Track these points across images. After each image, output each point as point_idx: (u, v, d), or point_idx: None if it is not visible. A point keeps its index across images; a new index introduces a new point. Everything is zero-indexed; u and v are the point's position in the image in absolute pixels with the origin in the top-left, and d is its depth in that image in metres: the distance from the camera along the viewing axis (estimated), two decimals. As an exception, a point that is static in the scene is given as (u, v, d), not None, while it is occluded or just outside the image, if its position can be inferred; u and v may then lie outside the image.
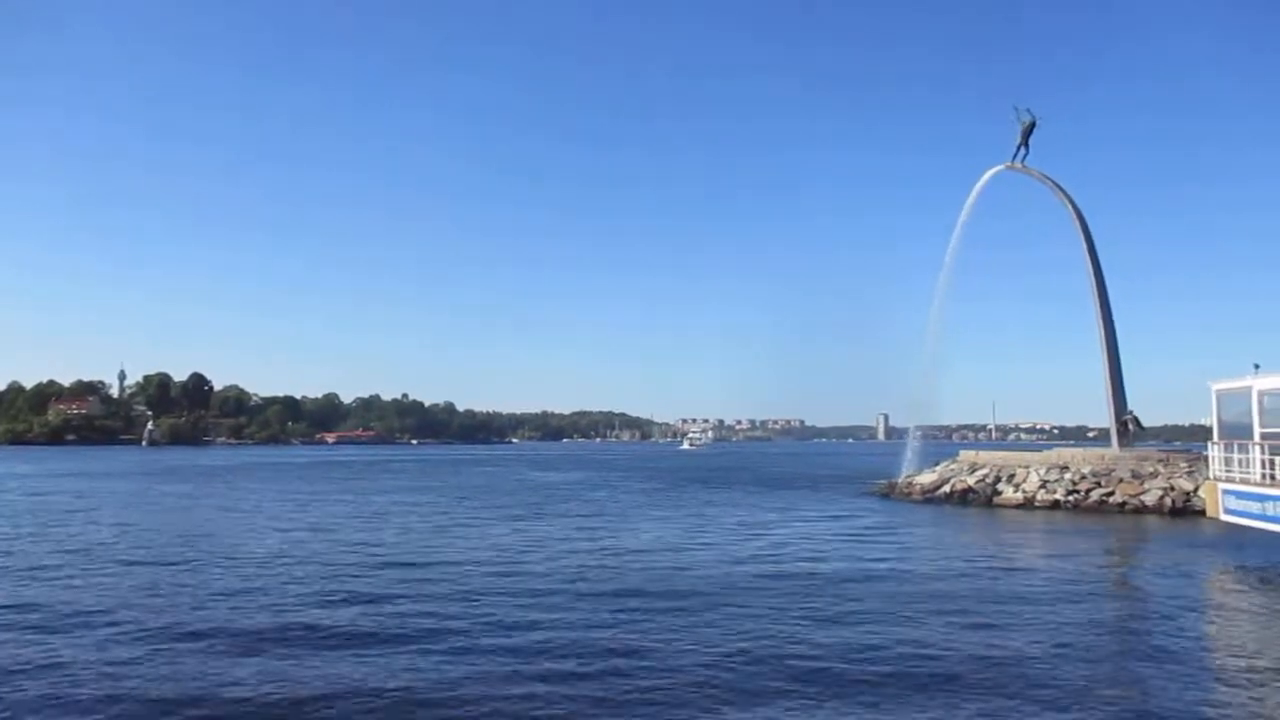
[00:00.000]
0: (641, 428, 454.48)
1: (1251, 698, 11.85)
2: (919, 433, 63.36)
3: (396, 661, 13.21)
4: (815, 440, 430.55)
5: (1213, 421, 26.64)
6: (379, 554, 25.29)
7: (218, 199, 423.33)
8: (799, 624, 15.80)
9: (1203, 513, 29.82)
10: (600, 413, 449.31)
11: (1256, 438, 23.73)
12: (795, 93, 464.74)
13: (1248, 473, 23.89)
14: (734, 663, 13.09)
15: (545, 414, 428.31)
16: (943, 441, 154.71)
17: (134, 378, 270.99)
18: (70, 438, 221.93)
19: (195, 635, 14.89)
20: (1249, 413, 24.18)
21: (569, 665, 12.97)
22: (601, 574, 21.58)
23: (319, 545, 27.36)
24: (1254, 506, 23.25)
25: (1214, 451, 26.14)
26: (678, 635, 14.77)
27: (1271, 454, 22.91)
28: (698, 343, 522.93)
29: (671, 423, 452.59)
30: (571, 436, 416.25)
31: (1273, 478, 22.70)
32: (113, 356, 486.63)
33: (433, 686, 11.97)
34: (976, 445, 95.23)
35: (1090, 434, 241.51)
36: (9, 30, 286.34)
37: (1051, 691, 11.89)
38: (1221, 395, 26.04)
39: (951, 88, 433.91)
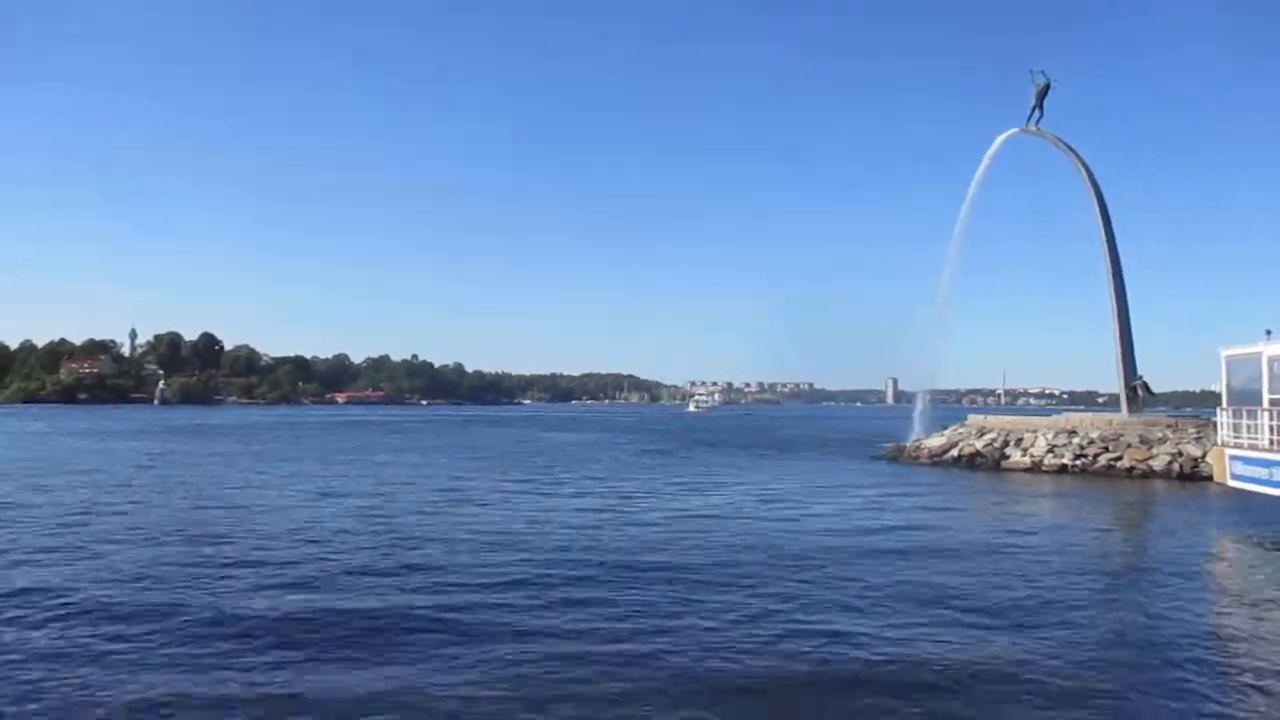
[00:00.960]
0: (650, 390, 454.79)
1: (1249, 667, 11.97)
2: (928, 397, 63.45)
3: (396, 649, 12.63)
4: (824, 404, 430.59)
5: (1222, 387, 26.64)
6: (387, 522, 24.88)
7: (227, 163, 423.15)
8: (792, 602, 15.39)
9: (1210, 478, 29.91)
10: (609, 374, 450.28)
11: (1265, 404, 23.70)
12: (807, 61, 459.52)
13: (1256, 438, 23.89)
14: (721, 645, 12.67)
15: (555, 375, 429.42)
16: (952, 405, 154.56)
17: (145, 337, 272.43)
18: (82, 396, 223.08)
19: (190, 615, 14.15)
20: (1259, 378, 24.13)
21: (569, 647, 12.48)
22: (600, 544, 21.15)
23: (326, 511, 26.97)
24: (1261, 472, 23.26)
25: (1222, 417, 26.15)
26: (667, 617, 14.17)
27: (1279, 420, 22.90)
28: (708, 306, 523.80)
29: (680, 385, 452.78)
30: (580, 398, 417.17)
31: (1280, 444, 22.72)
32: (124, 316, 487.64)
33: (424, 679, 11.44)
34: (985, 410, 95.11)
35: (1100, 400, 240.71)
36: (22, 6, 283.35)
37: (1051, 670, 11.89)
38: (1231, 361, 25.97)
39: (965, 58, 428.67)
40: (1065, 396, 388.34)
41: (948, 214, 59.03)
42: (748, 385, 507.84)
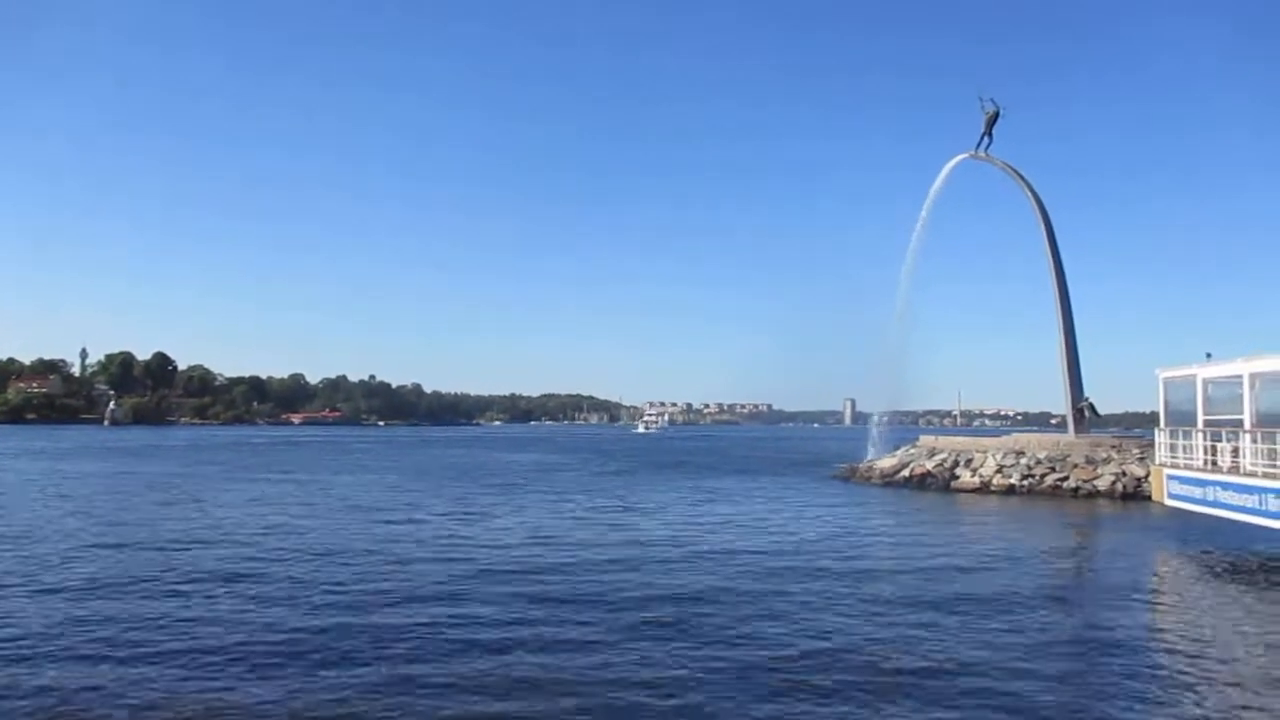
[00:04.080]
0: (609, 410, 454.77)
1: (1170, 683, 12.15)
2: (885, 418, 63.86)
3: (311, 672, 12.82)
4: (783, 424, 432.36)
5: (1160, 408, 27.17)
6: (315, 542, 24.93)
7: (182, 182, 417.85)
8: (718, 616, 15.57)
9: (1151, 497, 30.43)
10: (568, 395, 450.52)
11: (1199, 425, 24.24)
12: (766, 79, 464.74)
13: (1190, 459, 24.42)
14: (639, 659, 12.82)
15: (514, 396, 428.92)
16: (909, 426, 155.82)
17: (96, 357, 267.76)
18: (30, 417, 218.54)
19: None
20: (1194, 400, 24.67)
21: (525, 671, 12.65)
22: (512, 568, 20.92)
23: (257, 532, 26.68)
24: (1195, 491, 23.76)
25: (1160, 438, 26.68)
26: (590, 636, 14.24)
27: (1213, 440, 23.42)
28: (667, 327, 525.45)
29: (639, 405, 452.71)
30: (539, 419, 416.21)
31: (1213, 464, 23.22)
32: (74, 335, 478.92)
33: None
34: (940, 431, 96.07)
35: (1054, 420, 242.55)
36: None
37: (982, 681, 12.01)
38: (1168, 383, 26.51)
39: (920, 75, 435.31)
40: (1020, 417, 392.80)
41: (908, 234, 59.14)
42: (707, 406, 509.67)
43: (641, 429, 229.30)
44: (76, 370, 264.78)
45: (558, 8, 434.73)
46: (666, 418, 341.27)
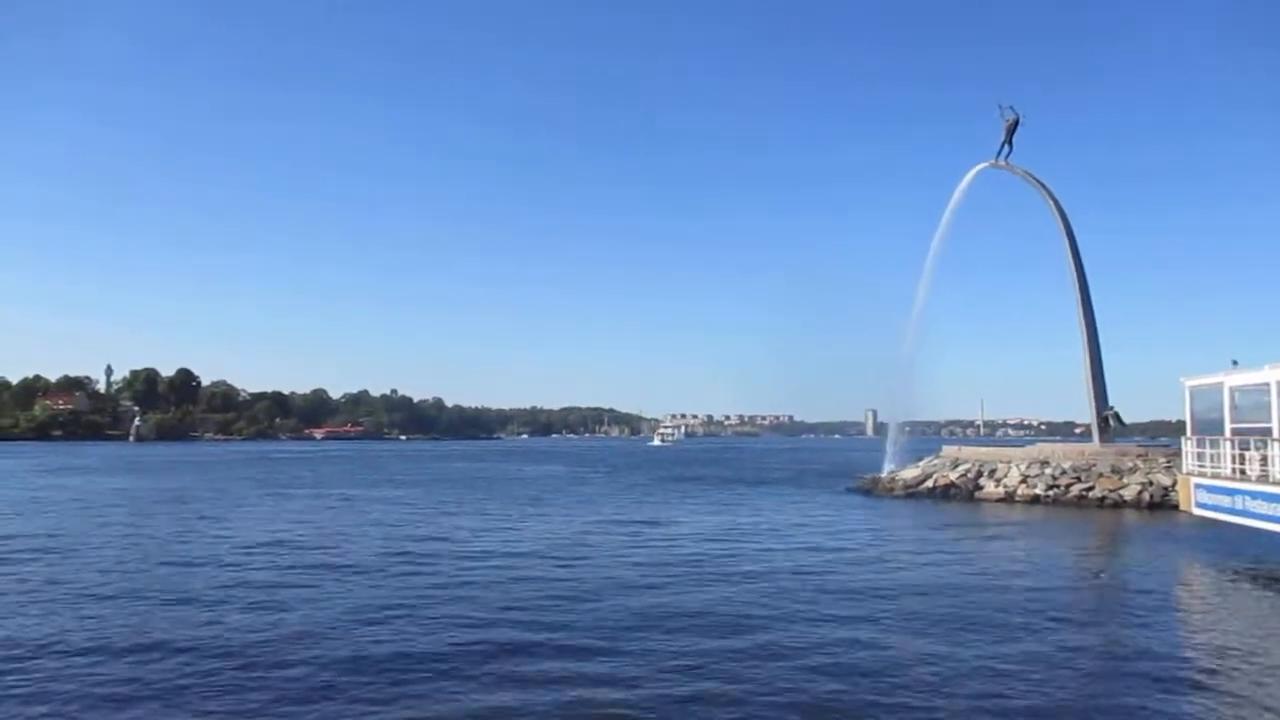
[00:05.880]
0: (630, 423, 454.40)
1: (1204, 692, 12.01)
2: (907, 428, 63.52)
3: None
4: (804, 436, 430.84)
5: (1186, 417, 26.92)
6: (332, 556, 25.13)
7: (203, 197, 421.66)
8: (746, 636, 15.58)
9: (1178, 507, 30.13)
10: (589, 408, 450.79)
11: (1227, 433, 23.99)
12: (784, 89, 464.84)
13: (1218, 467, 24.17)
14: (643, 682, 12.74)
15: (535, 409, 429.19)
16: (930, 437, 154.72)
17: (121, 373, 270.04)
18: (57, 433, 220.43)
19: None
20: (1220, 408, 24.44)
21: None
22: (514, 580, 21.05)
23: (284, 548, 27.00)
24: (1224, 500, 23.49)
25: (1186, 446, 26.44)
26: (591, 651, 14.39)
27: (1241, 449, 23.18)
28: (688, 339, 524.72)
29: (660, 418, 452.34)
30: (560, 432, 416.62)
31: (1242, 472, 22.96)
32: (99, 352, 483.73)
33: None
34: (963, 441, 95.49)
35: (1078, 430, 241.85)
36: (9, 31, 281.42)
37: (1013, 693, 11.96)
38: (1194, 391, 26.29)
39: (942, 84, 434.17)
40: (1043, 427, 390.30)
41: (926, 243, 58.89)
42: (728, 418, 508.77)
43: (657, 441, 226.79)
44: (102, 387, 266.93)
45: (577, 15, 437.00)
46: (684, 430, 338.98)
